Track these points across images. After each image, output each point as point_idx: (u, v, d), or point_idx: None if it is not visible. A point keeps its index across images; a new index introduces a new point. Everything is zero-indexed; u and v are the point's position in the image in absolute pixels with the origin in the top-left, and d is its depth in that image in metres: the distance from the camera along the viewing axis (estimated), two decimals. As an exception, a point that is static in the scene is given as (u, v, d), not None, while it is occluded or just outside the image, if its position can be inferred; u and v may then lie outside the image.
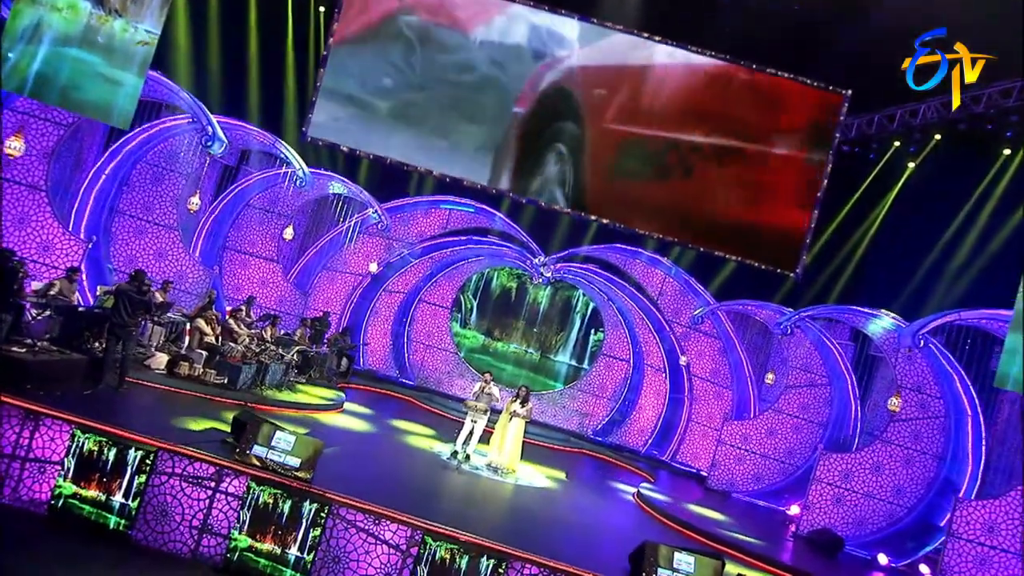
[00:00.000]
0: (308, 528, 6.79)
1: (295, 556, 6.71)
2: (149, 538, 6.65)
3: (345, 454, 9.13)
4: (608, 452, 14.35)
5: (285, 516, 6.79)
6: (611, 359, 16.01)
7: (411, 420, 12.57)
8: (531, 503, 9.29)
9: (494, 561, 6.78)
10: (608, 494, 11.34)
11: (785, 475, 13.98)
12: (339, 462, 8.48)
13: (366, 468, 8.67)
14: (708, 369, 15.52)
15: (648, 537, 8.52)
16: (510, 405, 10.44)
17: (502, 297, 16.82)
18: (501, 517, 8.27)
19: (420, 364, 15.94)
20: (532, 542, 7.32)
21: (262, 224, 14.57)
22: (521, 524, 8.17)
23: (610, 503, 10.91)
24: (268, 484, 6.83)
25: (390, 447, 10.28)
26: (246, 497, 6.79)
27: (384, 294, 15.87)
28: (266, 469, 7.03)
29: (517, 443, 10.30)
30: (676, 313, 15.68)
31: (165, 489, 6.76)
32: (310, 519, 6.80)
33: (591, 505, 10.50)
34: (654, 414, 15.45)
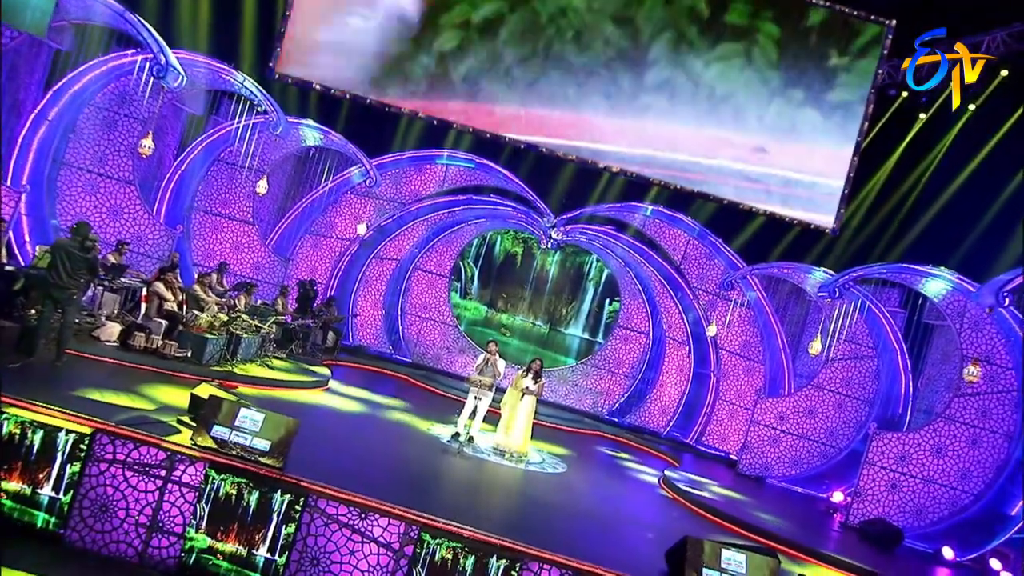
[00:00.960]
0: (280, 524, 5.90)
1: (264, 558, 5.83)
2: (86, 539, 5.76)
3: (327, 437, 8.26)
4: (626, 434, 13.82)
5: (252, 510, 5.90)
6: (628, 331, 15.31)
7: (406, 400, 11.83)
8: (545, 492, 8.45)
9: (505, 562, 5.91)
10: (629, 480, 10.65)
11: (826, 458, 13.15)
12: (319, 445, 7.61)
13: (351, 453, 7.81)
14: (737, 341, 14.66)
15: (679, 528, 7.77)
16: (519, 380, 9.57)
17: (506, 264, 15.98)
18: (511, 509, 7.41)
19: (416, 339, 15.25)
20: (549, 538, 6.49)
21: (234, 182, 13.56)
22: (535, 517, 7.30)
23: (632, 490, 10.18)
24: (230, 472, 5.93)
25: (381, 429, 9.44)
26: (204, 488, 5.88)
27: (375, 261, 15.16)
28: (228, 454, 6.11)
29: (528, 423, 9.49)
30: (701, 279, 14.78)
31: (105, 479, 5.84)
32: (282, 514, 5.91)
33: (612, 493, 9.70)
34: (677, 392, 14.77)
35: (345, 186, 14.73)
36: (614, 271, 15.98)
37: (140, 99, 11.40)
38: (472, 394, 9.47)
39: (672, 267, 14.96)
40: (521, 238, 16.20)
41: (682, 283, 14.98)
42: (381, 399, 11.33)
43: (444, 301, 15.38)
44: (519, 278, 16.08)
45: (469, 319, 16.02)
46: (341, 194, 14.70)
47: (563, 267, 16.18)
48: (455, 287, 15.82)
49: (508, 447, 9.44)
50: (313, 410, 9.45)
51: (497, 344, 9.85)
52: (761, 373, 14.53)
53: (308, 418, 8.71)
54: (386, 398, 11.61)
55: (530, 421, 9.52)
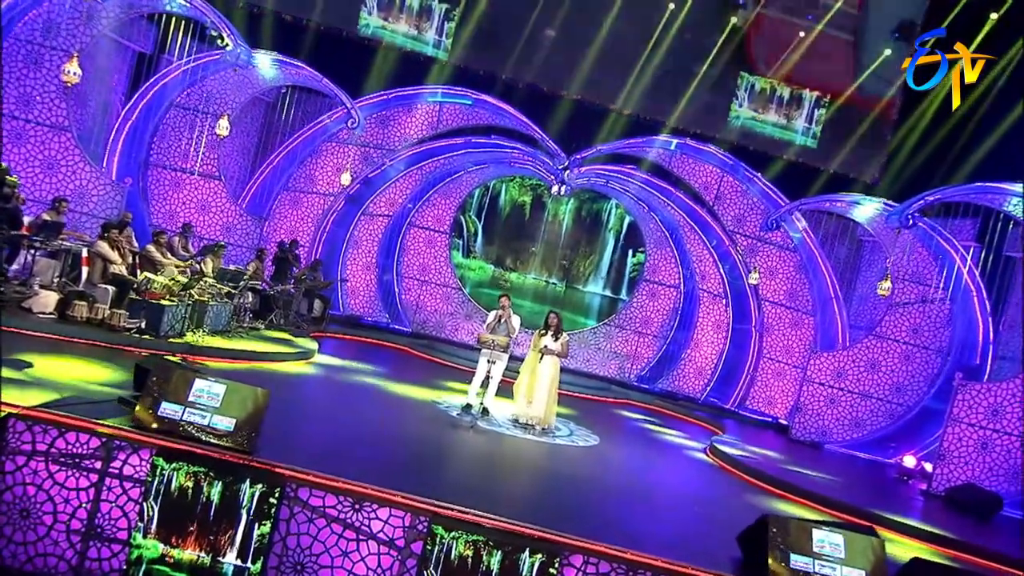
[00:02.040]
0: (252, 523, 4.91)
1: (233, 566, 4.85)
2: (4, 553, 4.76)
3: (311, 413, 7.27)
4: (659, 401, 13.36)
5: (215, 507, 4.91)
6: (655, 286, 14.57)
7: (407, 372, 11.10)
8: (578, 468, 7.52)
9: (541, 556, 4.95)
10: (670, 451, 9.88)
11: (892, 418, 12.19)
12: (301, 424, 6.62)
13: (341, 431, 6.82)
14: (782, 290, 13.70)
15: (740, 505, 7.00)
16: (537, 340, 8.65)
17: (514, 216, 15.19)
18: (541, 490, 6.45)
19: (415, 305, 14.54)
20: (590, 523, 5.59)
21: (195, 130, 12.39)
22: (570, 498, 6.33)
23: (676, 462, 9.38)
24: (185, 459, 4.92)
25: (377, 403, 8.49)
26: (152, 481, 4.89)
27: (364, 218, 14.37)
28: (181, 437, 5.09)
29: (552, 389, 8.65)
30: (739, 221, 13.74)
31: (24, 476, 4.84)
32: (254, 509, 4.92)
33: (654, 466, 8.80)
34: (714, 351, 14.10)
35: (324, 134, 13.65)
36: (636, 218, 15.06)
37: (68, 27, 10.18)
38: (484, 357, 8.49)
39: (704, 209, 14.03)
40: (529, 185, 15.29)
41: (716, 227, 13.99)
42: (377, 371, 10.48)
43: (445, 261, 14.61)
44: (529, 231, 15.33)
45: (474, 280, 15.33)
46: (320, 143, 13.64)
47: (578, 216, 15.37)
48: (456, 245, 15.14)
49: (530, 418, 8.55)
50: (294, 384, 8.51)
51: (510, 299, 8.83)
52: (811, 325, 13.62)
53: (288, 392, 7.77)
54: (383, 370, 10.75)
55: (554, 386, 8.67)
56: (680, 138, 13.59)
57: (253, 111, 13.86)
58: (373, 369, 10.54)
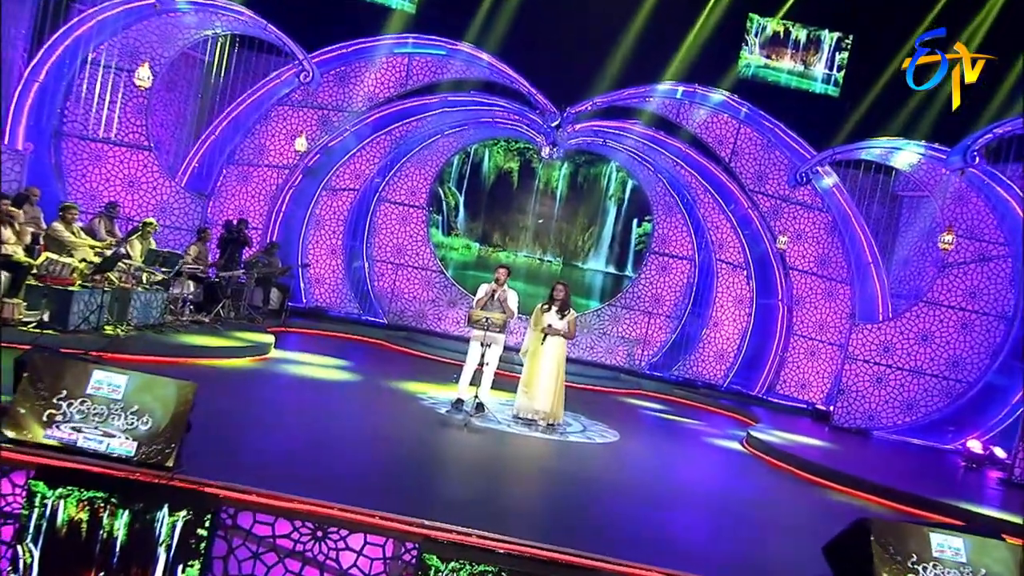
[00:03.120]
0: (173, 565, 3.85)
1: (148, 627, 3.73)
2: None
3: (261, 417, 6.19)
4: (676, 390, 12.75)
5: (120, 545, 3.84)
6: (665, 258, 13.92)
7: (384, 367, 10.32)
8: (599, 470, 6.64)
9: (570, 589, 3.89)
10: (700, 445, 9.06)
11: (949, 397, 11.31)
12: (246, 429, 5.55)
13: (301, 436, 5.76)
14: (813, 256, 12.93)
15: (804, 507, 6.43)
16: (540, 317, 7.80)
17: (500, 185, 14.38)
18: (558, 500, 5.45)
19: (390, 293, 13.86)
20: (629, 541, 4.66)
21: (117, 92, 11.17)
22: (597, 509, 5.33)
23: (711, 458, 8.51)
24: (76, 483, 3.83)
25: (348, 402, 7.50)
26: (29, 515, 3.78)
27: (326, 194, 13.56)
28: (71, 452, 3.99)
29: (558, 376, 7.76)
30: (759, 179, 12.93)
31: None
32: (175, 545, 3.86)
33: (688, 464, 7.94)
34: (736, 331, 13.45)
35: (273, 96, 12.58)
36: (641, 182, 14.26)
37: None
38: (476, 341, 7.50)
39: (719, 167, 13.18)
40: (516, 149, 14.45)
41: (733, 187, 13.17)
42: (347, 367, 9.49)
43: (423, 241, 13.89)
44: (518, 202, 14.51)
45: (457, 261, 14.57)
46: (269, 108, 12.60)
47: (573, 182, 14.53)
48: (435, 221, 14.34)
49: (534, 412, 7.59)
50: (243, 383, 7.46)
51: (509, 271, 7.85)
52: (847, 295, 12.82)
53: (233, 393, 6.73)
54: (354, 366, 9.78)
55: (561, 373, 7.78)
56: (688, 85, 12.60)
57: (188, 73, 12.71)
58: (342, 365, 9.57)
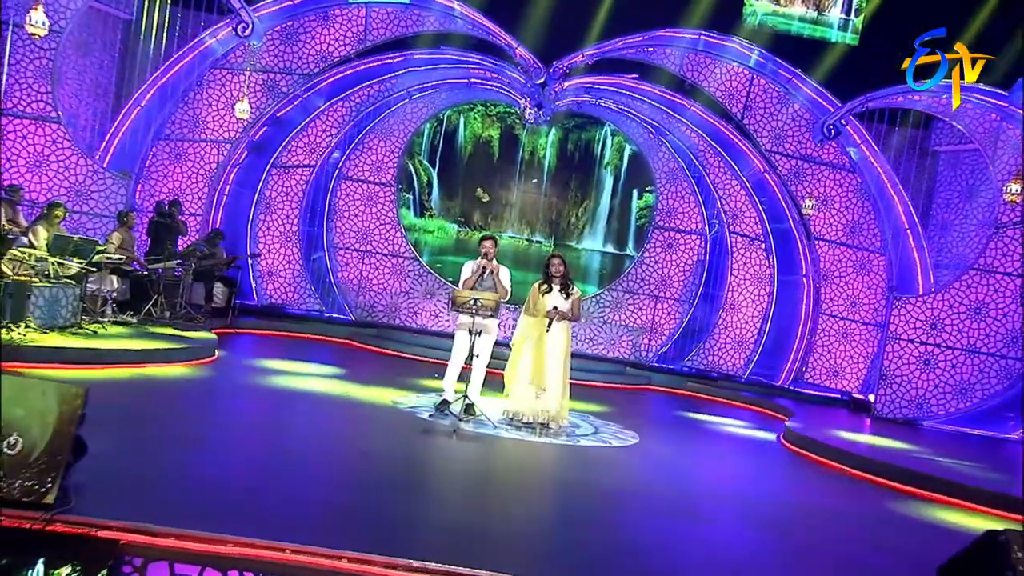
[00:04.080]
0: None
1: None
2: None
3: (193, 434, 5.28)
4: (690, 383, 12.21)
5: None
6: (671, 233, 13.37)
7: (352, 369, 9.45)
8: (626, 480, 5.95)
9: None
10: (732, 445, 8.36)
11: (1009, 378, 10.68)
12: (169, 451, 4.65)
13: (244, 459, 4.89)
14: (841, 224, 12.34)
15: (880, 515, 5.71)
16: (539, 300, 7.03)
17: (478, 156, 13.74)
18: (576, 525, 4.63)
19: (356, 285, 13.19)
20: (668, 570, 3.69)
21: (14, 56, 10.12)
22: (625, 533, 4.46)
23: (751, 460, 7.75)
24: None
25: (306, 412, 6.67)
26: None
27: (276, 172, 12.84)
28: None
29: (563, 368, 6.98)
30: (777, 137, 12.31)
31: None
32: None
33: (729, 468, 7.21)
34: (755, 313, 12.95)
35: (208, 58, 11.74)
36: (640, 147, 13.60)
37: None
38: (462, 331, 6.80)
39: (731, 125, 12.52)
40: (495, 114, 13.76)
41: (747, 148, 12.53)
42: (308, 371, 8.67)
43: (392, 223, 13.24)
44: (500, 175, 13.78)
45: (433, 246, 13.85)
46: (204, 72, 11.78)
47: (563, 151, 13.80)
48: (405, 201, 13.63)
49: (535, 412, 6.87)
50: (173, 393, 6.56)
51: (497, 242, 7.13)
52: (882, 267, 12.22)
53: (157, 405, 5.83)
54: (316, 369, 8.99)
55: (566, 364, 7.01)
56: (692, 31, 11.87)
57: (106, 34, 11.70)
58: (302, 369, 8.77)
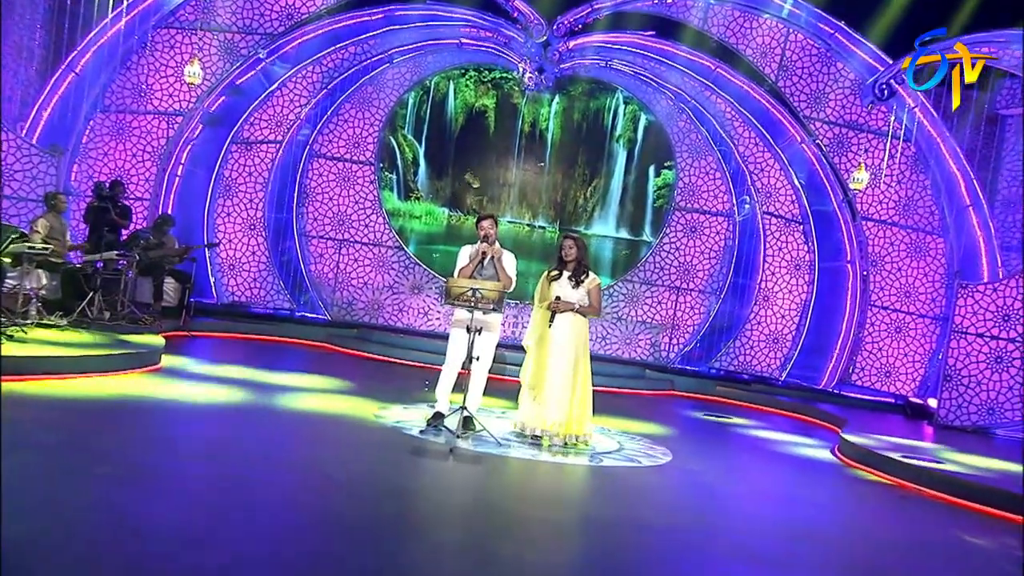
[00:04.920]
0: None
1: None
2: None
3: (122, 461, 4.54)
4: (720, 387, 11.91)
5: None
6: (695, 215, 13.15)
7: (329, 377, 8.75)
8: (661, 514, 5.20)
9: None
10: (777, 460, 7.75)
11: (1093, 375, 10.02)
12: (83, 487, 3.94)
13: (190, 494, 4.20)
14: (893, 201, 11.92)
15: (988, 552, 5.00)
16: (546, 288, 6.55)
17: (471, 130, 13.15)
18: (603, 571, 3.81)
19: (333, 280, 12.80)
20: None
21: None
22: None
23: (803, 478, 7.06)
24: None
25: (277, 429, 6.10)
26: None
27: (236, 148, 12.55)
28: None
29: (581, 371, 6.48)
30: (816, 101, 11.82)
31: None
32: None
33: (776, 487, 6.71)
34: (793, 306, 12.83)
35: (154, 14, 11.11)
36: (658, 116, 13.20)
37: None
38: (458, 328, 6.29)
39: (763, 89, 12.01)
40: (490, 80, 13.25)
41: (782, 115, 12.06)
42: (275, 382, 8.07)
43: (373, 208, 12.98)
44: (497, 151, 13.25)
45: (421, 233, 13.41)
46: (150, 33, 11.17)
47: (568, 122, 13.25)
48: (388, 182, 13.18)
49: (548, 426, 6.30)
50: (103, 411, 5.83)
51: (497, 222, 6.70)
52: (940, 249, 11.85)
53: (78, 428, 5.12)
54: (286, 378, 8.39)
55: (578, 367, 6.44)
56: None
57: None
58: (267, 379, 8.11)
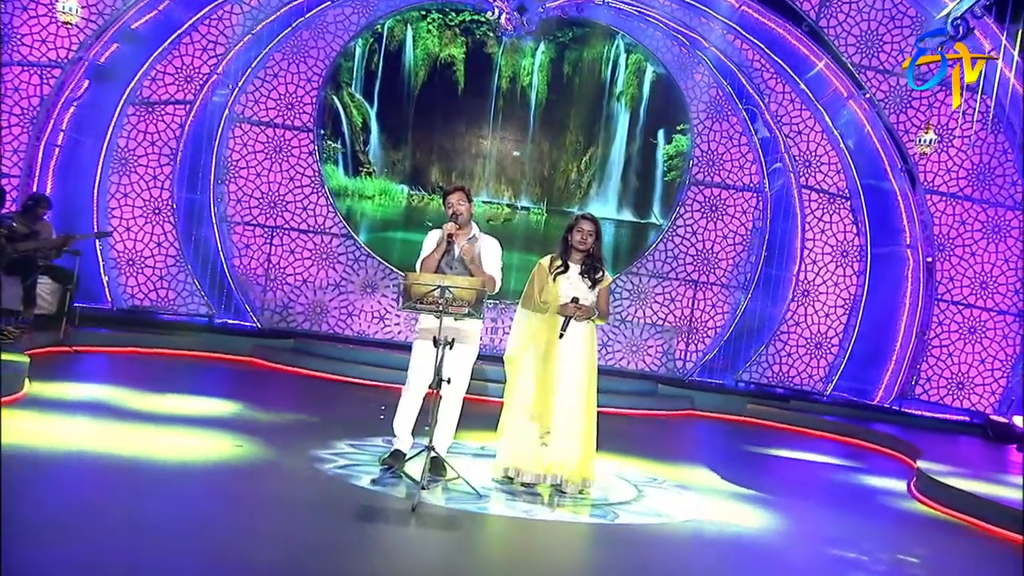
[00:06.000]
0: None
1: None
2: None
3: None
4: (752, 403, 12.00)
5: None
6: (716, 191, 13.19)
7: (249, 408, 8.43)
8: None
9: None
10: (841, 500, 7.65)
11: None
12: None
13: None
14: (964, 169, 12.03)
15: None
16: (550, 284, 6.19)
17: (435, 86, 12.90)
18: None
19: (262, 277, 12.87)
20: None
21: None
22: None
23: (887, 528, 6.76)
24: None
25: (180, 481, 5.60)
26: None
27: (135, 112, 12.21)
28: None
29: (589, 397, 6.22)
30: (867, 44, 11.74)
31: None
32: None
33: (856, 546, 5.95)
34: (840, 301, 12.98)
35: None
36: (668, 67, 13.10)
37: None
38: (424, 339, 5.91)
39: (801, 30, 11.94)
40: (458, 25, 13.03)
41: (826, 62, 12.01)
42: (183, 410, 7.61)
43: (312, 186, 12.77)
44: (468, 115, 13.14)
45: (374, 218, 13.25)
46: None
47: (557, 76, 13.09)
48: (332, 153, 12.95)
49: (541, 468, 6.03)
50: None
51: (471, 196, 6.33)
52: None
53: None
54: (199, 406, 7.93)
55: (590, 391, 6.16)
56: None
57: None
58: (172, 409, 7.57)
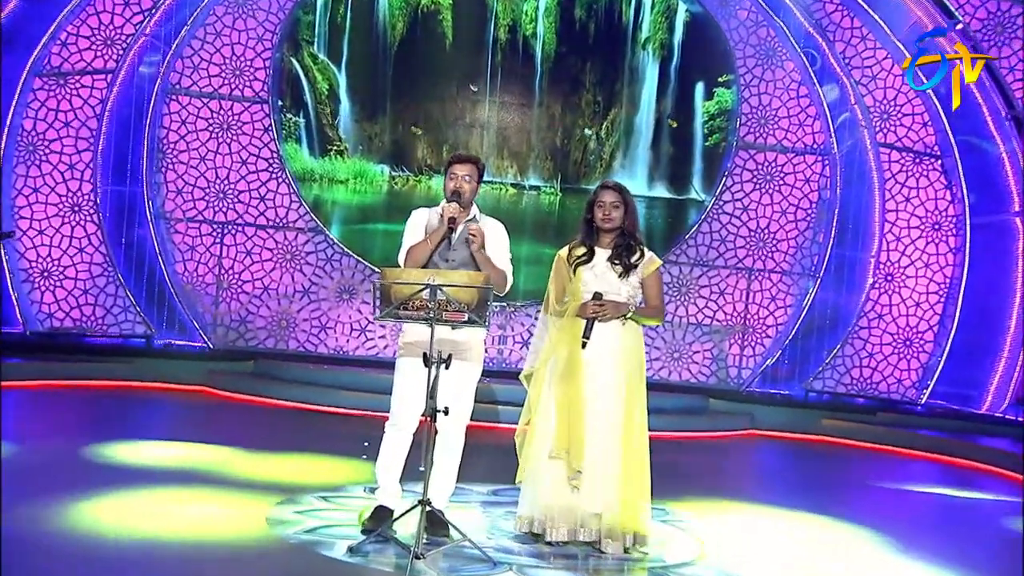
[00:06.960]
0: None
1: None
2: None
3: None
4: (824, 420, 12.30)
5: None
6: (771, 155, 13.20)
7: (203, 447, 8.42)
8: None
9: None
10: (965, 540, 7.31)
11: None
12: None
13: None
14: None
15: None
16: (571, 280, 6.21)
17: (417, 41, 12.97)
18: None
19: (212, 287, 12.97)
20: None
21: None
22: None
23: None
24: None
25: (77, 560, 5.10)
26: None
27: (44, 84, 12.35)
28: None
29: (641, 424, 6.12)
30: None
31: None
32: None
33: None
34: (933, 287, 13.08)
35: None
36: (706, 5, 13.13)
37: None
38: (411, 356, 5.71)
39: None
40: None
41: None
42: (113, 458, 7.51)
43: (271, 171, 12.87)
44: (459, 74, 13.23)
45: (348, 206, 13.35)
46: None
47: (567, 23, 13.15)
48: (292, 128, 12.99)
49: (577, 521, 5.84)
50: None
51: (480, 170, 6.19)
52: None
53: None
54: (131, 452, 7.81)
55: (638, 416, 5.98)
56: None
57: None
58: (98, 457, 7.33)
